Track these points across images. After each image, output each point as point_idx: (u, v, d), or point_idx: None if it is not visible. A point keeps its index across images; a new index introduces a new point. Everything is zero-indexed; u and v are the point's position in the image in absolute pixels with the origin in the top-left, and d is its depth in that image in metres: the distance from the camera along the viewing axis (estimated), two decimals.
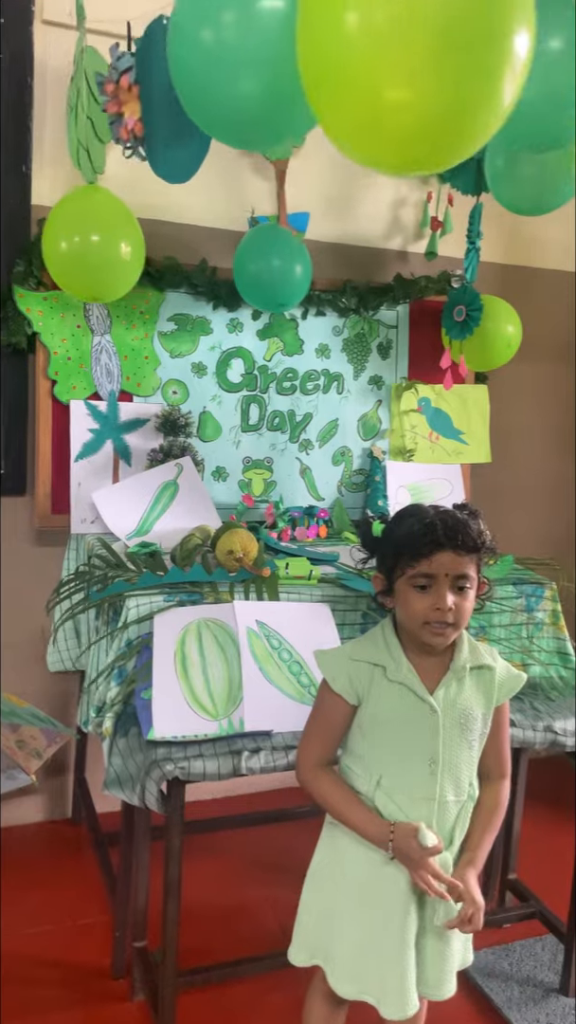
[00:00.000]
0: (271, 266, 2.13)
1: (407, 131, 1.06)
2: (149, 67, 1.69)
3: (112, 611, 1.83)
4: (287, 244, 2.16)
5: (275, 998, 1.88)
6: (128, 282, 1.99)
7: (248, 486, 2.41)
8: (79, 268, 1.92)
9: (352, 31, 1.02)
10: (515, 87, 1.07)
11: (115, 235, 1.92)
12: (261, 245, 2.16)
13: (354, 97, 1.07)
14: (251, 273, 2.15)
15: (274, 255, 2.13)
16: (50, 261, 1.94)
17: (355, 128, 1.11)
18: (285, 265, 2.13)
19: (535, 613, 2.05)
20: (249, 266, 2.15)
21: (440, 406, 2.60)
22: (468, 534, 1.33)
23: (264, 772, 1.57)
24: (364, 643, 1.43)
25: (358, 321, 2.48)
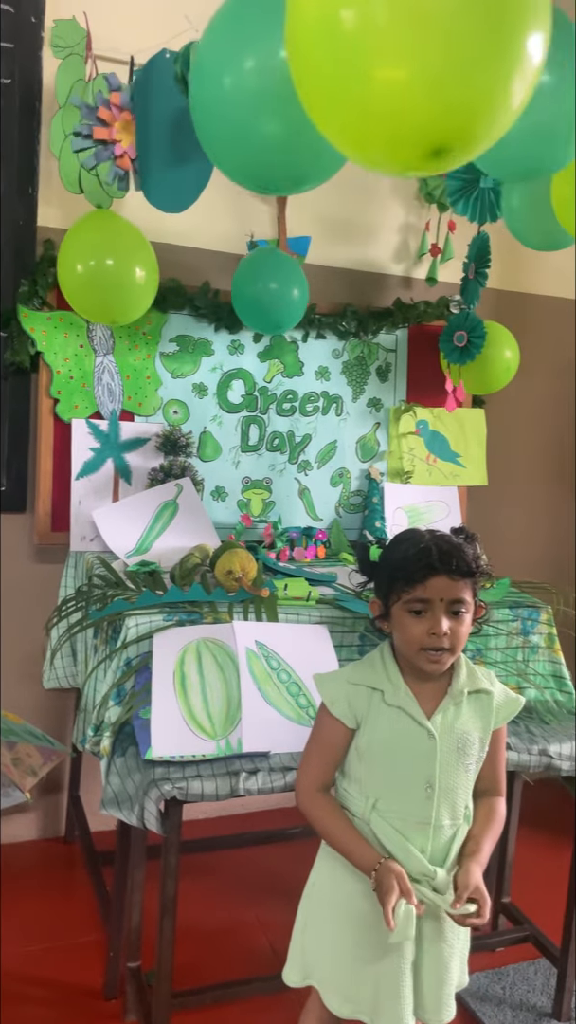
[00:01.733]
0: (268, 289, 2.16)
1: (408, 129, 1.00)
2: (147, 99, 1.72)
3: (111, 630, 1.84)
4: (284, 267, 2.19)
5: (267, 1020, 1.87)
6: (142, 305, 2.02)
7: (247, 506, 2.42)
8: (94, 291, 1.97)
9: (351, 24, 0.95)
10: (525, 90, 1.02)
11: (130, 259, 1.96)
12: (259, 268, 2.19)
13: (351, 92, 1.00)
14: (249, 295, 2.18)
15: (272, 278, 2.16)
16: (65, 283, 1.98)
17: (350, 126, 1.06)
18: (282, 288, 2.16)
19: (531, 636, 2.07)
20: (246, 289, 2.18)
21: (438, 429, 2.62)
22: (463, 559, 1.34)
23: (262, 793, 1.58)
24: (363, 667, 1.44)
25: (358, 344, 2.51)
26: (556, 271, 2.82)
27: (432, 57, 0.96)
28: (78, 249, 1.96)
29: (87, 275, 1.94)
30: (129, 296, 1.96)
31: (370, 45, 0.97)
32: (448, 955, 1.41)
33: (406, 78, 0.97)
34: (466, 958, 1.47)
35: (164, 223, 2.29)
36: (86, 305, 2.01)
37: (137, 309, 2.00)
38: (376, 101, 1.00)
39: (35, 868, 2.38)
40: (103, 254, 1.94)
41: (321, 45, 1.00)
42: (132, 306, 1.98)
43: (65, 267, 1.98)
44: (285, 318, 2.20)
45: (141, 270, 1.96)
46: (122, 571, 1.98)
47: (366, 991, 1.39)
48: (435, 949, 1.39)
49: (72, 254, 1.96)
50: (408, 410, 2.57)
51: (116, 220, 2.00)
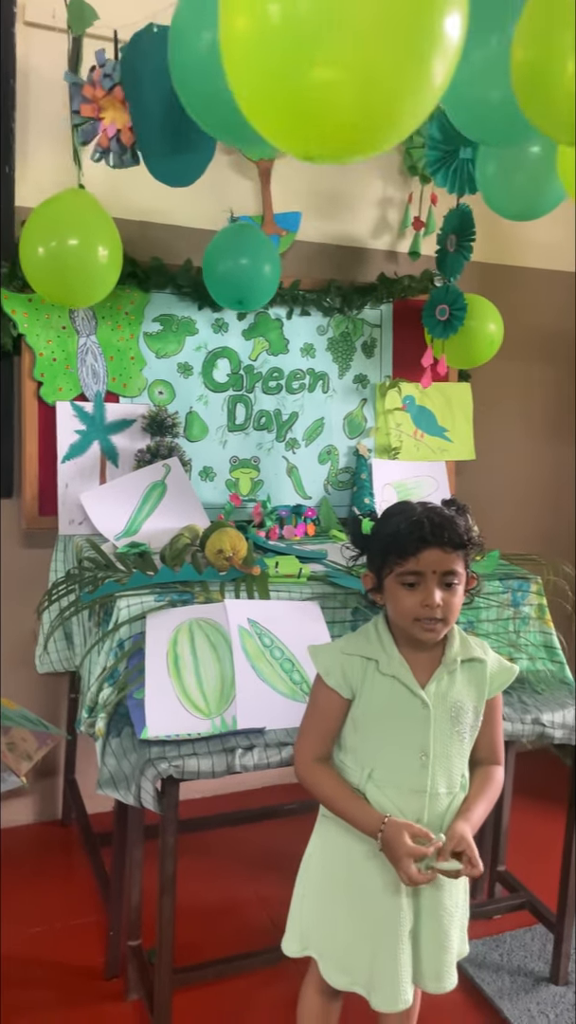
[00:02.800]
0: (239, 265, 2.12)
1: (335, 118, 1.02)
2: (141, 74, 1.69)
3: (103, 612, 1.83)
4: (256, 243, 2.17)
5: (269, 993, 1.89)
6: (104, 288, 1.98)
7: (235, 485, 2.42)
8: (55, 274, 1.91)
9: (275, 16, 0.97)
10: (446, 69, 1.04)
11: (91, 240, 1.91)
12: (230, 244, 2.16)
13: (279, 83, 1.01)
14: (219, 272, 2.15)
15: (242, 254, 2.13)
16: (27, 266, 1.94)
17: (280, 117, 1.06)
18: (254, 264, 2.12)
19: (522, 608, 2.08)
20: (217, 264, 2.15)
21: (424, 404, 2.62)
22: (454, 531, 1.34)
23: (258, 769, 1.59)
24: (357, 638, 1.45)
25: (342, 320, 2.49)
26: (539, 243, 2.81)
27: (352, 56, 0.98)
28: (39, 229, 1.91)
29: (48, 257, 1.88)
30: (91, 277, 1.91)
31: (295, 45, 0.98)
32: (447, 923, 1.42)
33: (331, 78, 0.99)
34: (466, 927, 1.49)
35: (145, 201, 2.27)
36: (47, 287, 1.95)
37: (99, 291, 1.96)
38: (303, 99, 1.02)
39: (33, 851, 2.38)
40: (62, 234, 1.88)
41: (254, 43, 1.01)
42: (94, 288, 1.94)
43: (27, 248, 1.92)
44: (253, 295, 2.17)
45: (104, 249, 1.91)
46: (112, 553, 1.97)
47: (362, 961, 1.40)
48: (434, 918, 1.41)
49: (34, 234, 1.90)
50: (394, 385, 2.56)
51: (81, 199, 1.94)
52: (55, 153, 2.16)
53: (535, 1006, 1.94)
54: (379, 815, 1.35)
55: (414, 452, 2.61)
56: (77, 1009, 1.85)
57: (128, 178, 2.18)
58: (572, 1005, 1.95)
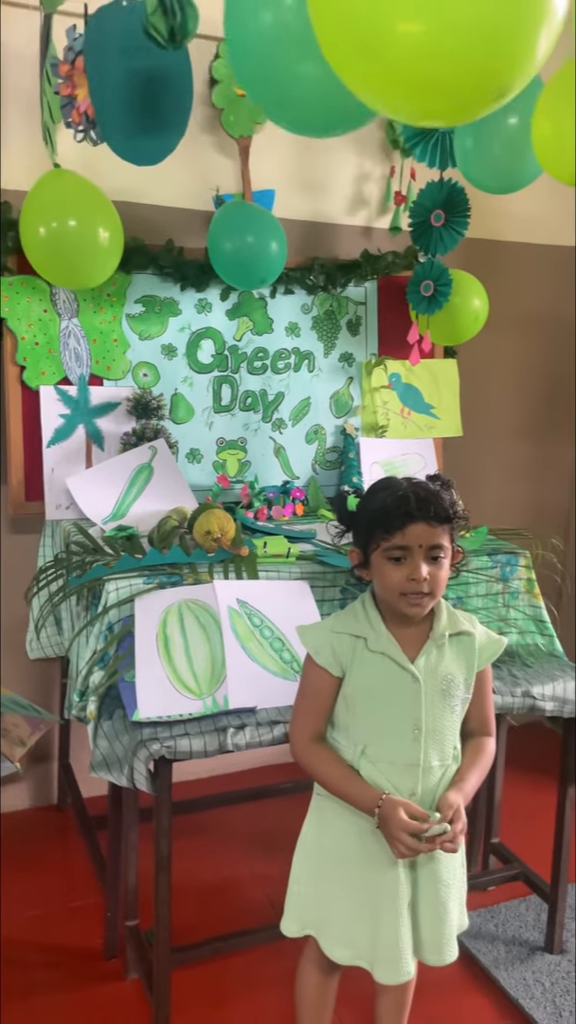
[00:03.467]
0: (246, 243, 2.12)
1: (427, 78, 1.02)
2: (106, 47, 1.66)
3: (92, 596, 1.83)
4: (260, 220, 2.15)
5: (267, 970, 1.91)
6: (109, 267, 1.98)
7: (223, 467, 2.41)
8: (58, 254, 1.92)
9: None
10: (549, 42, 1.03)
11: (93, 220, 1.92)
12: (234, 222, 2.15)
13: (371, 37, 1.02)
14: (227, 251, 2.14)
15: (248, 232, 2.12)
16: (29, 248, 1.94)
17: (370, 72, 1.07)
18: (260, 241, 2.12)
19: (511, 582, 2.08)
20: (224, 244, 2.14)
21: (411, 381, 2.61)
22: (440, 505, 1.35)
23: (250, 748, 1.59)
24: (345, 616, 1.45)
25: (327, 298, 2.48)
26: (522, 216, 2.79)
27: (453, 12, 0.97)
28: (40, 211, 1.91)
29: (50, 238, 1.89)
30: (95, 258, 1.91)
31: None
32: (446, 895, 1.43)
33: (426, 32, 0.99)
34: (464, 900, 1.50)
35: (122, 180, 2.24)
36: (51, 269, 1.97)
37: (103, 271, 1.95)
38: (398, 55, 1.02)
39: (30, 836, 2.39)
40: (66, 215, 1.89)
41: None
42: (98, 268, 1.94)
43: (27, 230, 1.93)
44: (267, 272, 2.17)
45: (105, 231, 1.91)
46: (99, 537, 1.97)
47: (364, 934, 1.41)
48: (432, 890, 1.42)
49: (34, 216, 1.91)
50: (380, 363, 2.55)
51: (76, 180, 1.94)
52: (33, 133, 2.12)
53: (531, 975, 1.96)
54: (376, 792, 1.36)
55: (401, 430, 2.60)
56: (76, 990, 1.86)
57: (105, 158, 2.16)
58: (567, 973, 1.97)
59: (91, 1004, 1.82)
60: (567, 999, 1.89)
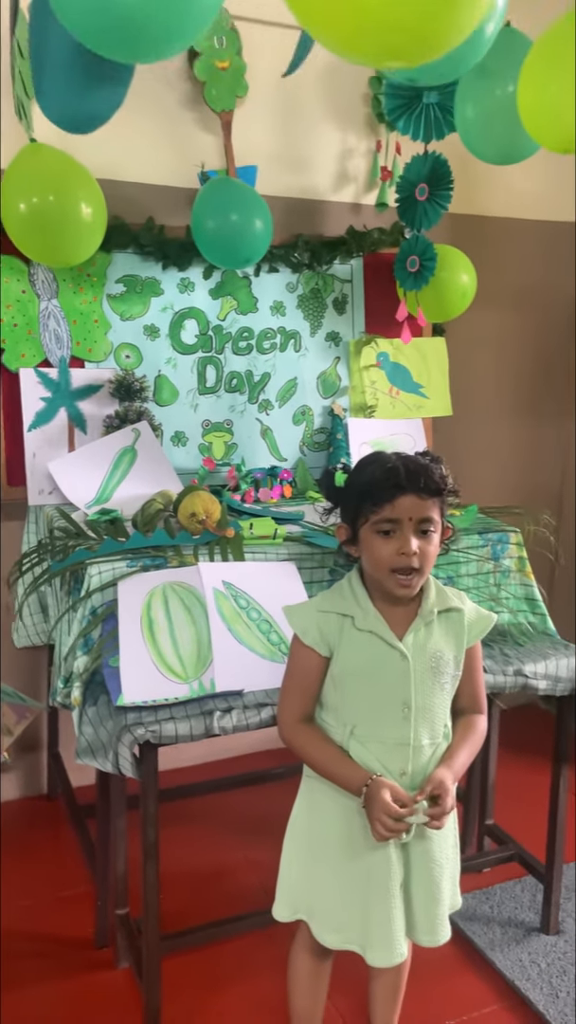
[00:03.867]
0: (230, 221, 2.07)
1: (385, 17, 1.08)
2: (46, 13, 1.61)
3: (75, 581, 1.79)
4: (245, 198, 2.11)
5: (260, 956, 1.89)
6: (92, 244, 1.93)
7: (209, 450, 2.37)
8: (39, 231, 1.87)
9: None
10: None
11: (74, 195, 1.88)
12: (218, 200, 2.10)
13: None
14: (210, 230, 2.09)
15: (232, 210, 2.08)
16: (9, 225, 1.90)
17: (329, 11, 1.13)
18: (244, 220, 2.08)
19: (502, 561, 2.05)
20: (208, 222, 2.09)
21: (399, 360, 2.57)
22: (430, 477, 1.32)
23: (237, 731, 1.56)
24: (331, 595, 1.42)
25: (312, 276, 2.43)
26: (511, 191, 2.75)
27: None
28: (21, 187, 1.86)
29: (31, 214, 1.84)
30: (78, 234, 1.86)
31: None
32: (438, 875, 1.41)
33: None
34: (457, 879, 1.48)
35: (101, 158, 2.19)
36: (33, 246, 1.92)
37: (87, 248, 1.91)
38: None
39: (20, 826, 2.36)
40: (47, 191, 1.85)
41: None
42: (82, 245, 1.89)
43: (7, 207, 1.88)
44: (252, 251, 2.12)
45: (88, 206, 1.87)
46: (82, 521, 1.93)
47: (355, 918, 1.39)
48: (424, 871, 1.40)
49: (14, 192, 1.86)
50: (368, 342, 2.51)
51: (55, 154, 1.89)
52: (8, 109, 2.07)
53: (526, 956, 1.94)
54: (364, 773, 1.33)
55: (390, 410, 2.56)
56: (68, 980, 1.84)
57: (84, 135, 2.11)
58: (564, 954, 1.96)
59: (82, 993, 1.80)
60: (563, 979, 1.88)
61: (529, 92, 1.75)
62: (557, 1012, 1.78)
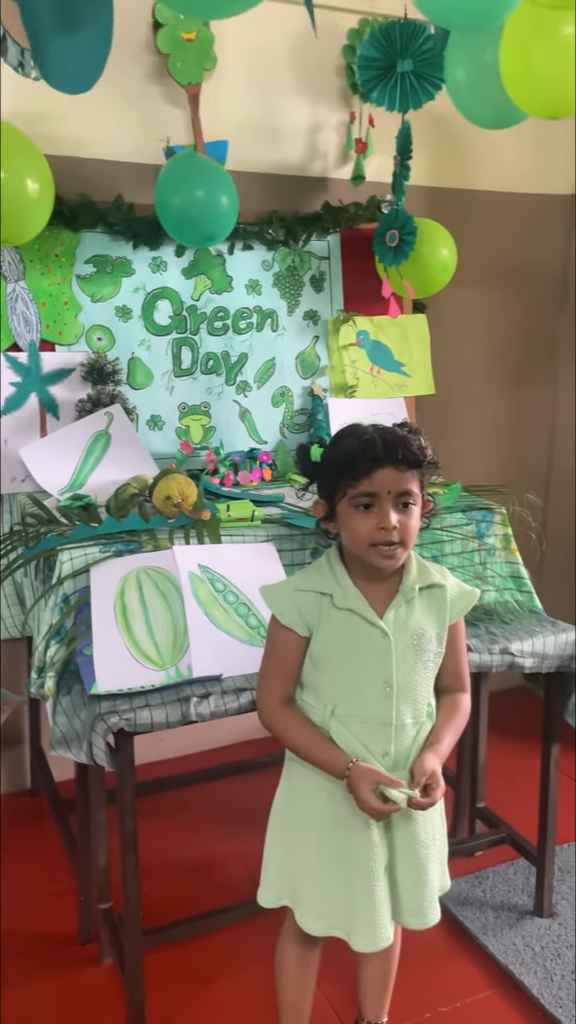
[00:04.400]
0: (195, 198, 2.01)
1: None
2: None
3: (48, 569, 1.74)
4: (209, 173, 2.05)
5: (247, 948, 1.85)
6: (38, 222, 1.86)
7: (186, 433, 2.31)
8: None
9: None
10: None
11: (19, 171, 1.79)
12: (182, 175, 2.04)
13: None
14: (175, 207, 2.03)
15: (197, 185, 2.01)
16: None
17: None
18: (210, 195, 2.01)
19: (486, 539, 2.01)
20: (172, 199, 2.03)
21: (379, 339, 2.51)
22: (409, 448, 1.28)
23: (215, 717, 1.51)
24: (309, 573, 1.38)
25: (288, 254, 2.37)
26: (491, 164, 2.70)
27: None
28: None
29: None
30: (22, 212, 1.79)
31: None
32: (425, 857, 1.37)
33: None
34: (445, 861, 1.45)
35: (67, 134, 2.13)
36: None
37: (33, 226, 1.83)
38: None
39: (4, 823, 2.31)
40: None
41: None
42: (28, 223, 1.82)
43: None
44: (217, 228, 2.05)
45: (33, 183, 1.79)
46: (55, 507, 1.88)
47: (338, 903, 1.35)
48: (410, 852, 1.36)
49: None
50: (347, 320, 2.45)
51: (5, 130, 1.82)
52: None
53: (520, 940, 1.91)
54: (346, 758, 1.29)
55: (371, 389, 2.51)
56: (52, 977, 1.80)
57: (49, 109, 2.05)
58: (558, 937, 1.92)
59: (66, 990, 1.76)
60: (558, 963, 1.84)
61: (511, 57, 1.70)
62: (552, 996, 1.75)
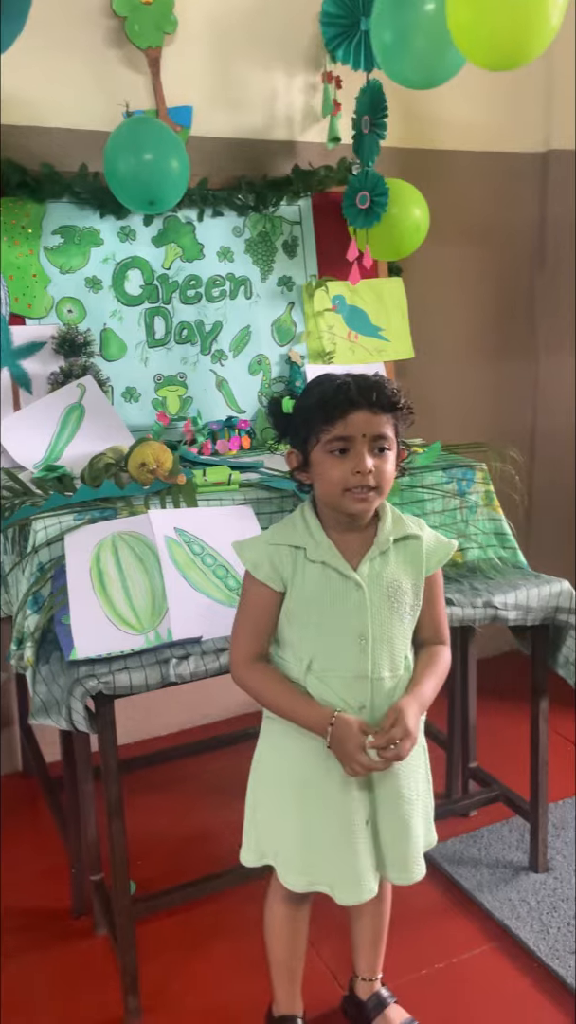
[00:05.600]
0: (143, 161, 1.96)
1: None
2: None
3: (23, 540, 1.72)
4: (159, 136, 2.00)
5: (239, 913, 1.84)
6: None
7: (163, 404, 2.28)
8: None
9: None
10: None
11: None
12: (130, 139, 1.99)
13: None
14: (122, 170, 1.98)
15: (146, 149, 1.97)
16: None
17: None
18: (159, 159, 1.97)
19: (468, 496, 1.99)
20: (119, 163, 1.98)
21: (356, 303, 2.49)
22: (383, 392, 1.25)
23: (195, 678, 1.50)
24: (283, 527, 1.35)
25: (259, 219, 2.34)
26: (463, 123, 2.66)
27: None
28: None
29: None
30: None
31: None
32: (407, 812, 1.36)
33: None
34: (431, 816, 1.43)
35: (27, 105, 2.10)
36: None
37: None
38: None
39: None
40: None
41: None
42: None
43: None
44: (164, 192, 2.01)
45: None
46: (29, 479, 1.85)
47: (319, 858, 1.33)
48: (393, 808, 1.35)
49: None
50: (321, 285, 2.43)
51: None
52: None
53: (516, 895, 1.90)
54: (327, 711, 1.27)
55: (349, 355, 2.48)
56: (47, 951, 1.79)
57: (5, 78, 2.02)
58: (553, 891, 1.92)
59: (61, 963, 1.75)
60: (554, 916, 1.84)
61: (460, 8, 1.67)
62: (548, 948, 1.74)
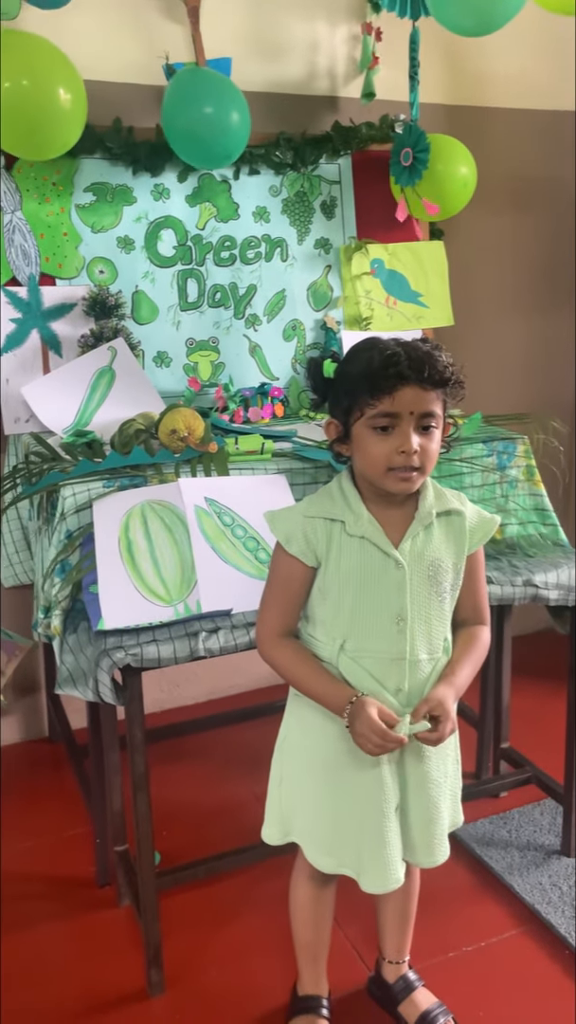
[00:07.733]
0: (204, 115, 1.90)
1: None
2: None
3: (51, 507, 1.68)
4: (219, 88, 1.93)
5: (265, 888, 1.82)
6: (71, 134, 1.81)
7: (194, 370, 2.23)
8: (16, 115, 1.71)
9: None
10: None
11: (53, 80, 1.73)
12: (189, 92, 1.93)
13: None
14: (182, 126, 1.92)
15: (205, 102, 1.90)
16: None
17: None
18: (219, 112, 1.91)
19: (508, 471, 1.92)
20: (179, 118, 1.92)
21: (395, 267, 2.40)
22: (435, 366, 1.16)
23: (224, 652, 1.46)
24: (319, 498, 1.29)
25: (297, 178, 2.26)
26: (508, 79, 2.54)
27: None
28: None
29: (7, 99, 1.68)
30: (56, 122, 1.72)
31: None
32: (436, 795, 1.31)
33: None
34: (458, 797, 1.39)
35: None
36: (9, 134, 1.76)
37: (64, 138, 1.77)
38: None
39: (21, 770, 2.30)
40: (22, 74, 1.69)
41: None
42: (59, 134, 1.75)
43: None
44: (230, 146, 1.95)
45: (66, 92, 1.73)
46: (58, 445, 1.81)
47: (347, 840, 1.30)
48: (422, 790, 1.30)
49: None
50: (360, 248, 2.34)
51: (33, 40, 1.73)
52: None
53: (547, 879, 1.86)
54: (348, 692, 1.22)
55: (387, 321, 2.40)
56: (71, 919, 1.78)
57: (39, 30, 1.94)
58: None
59: (84, 933, 1.74)
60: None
61: None
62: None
